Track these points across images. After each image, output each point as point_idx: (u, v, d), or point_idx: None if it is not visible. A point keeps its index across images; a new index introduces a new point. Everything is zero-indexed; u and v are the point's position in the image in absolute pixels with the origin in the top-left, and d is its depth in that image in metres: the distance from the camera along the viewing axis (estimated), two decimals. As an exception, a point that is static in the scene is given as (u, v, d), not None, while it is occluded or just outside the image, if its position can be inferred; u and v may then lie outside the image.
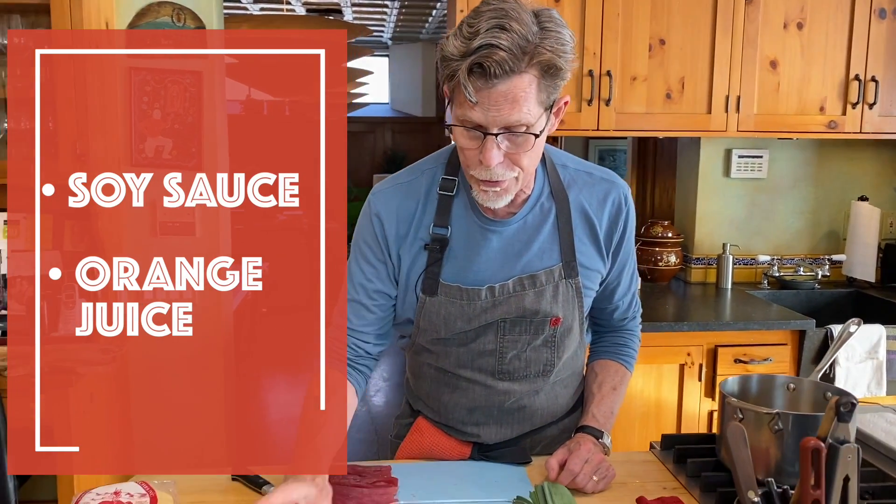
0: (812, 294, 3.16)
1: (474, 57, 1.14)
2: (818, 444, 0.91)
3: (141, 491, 1.23)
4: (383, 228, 1.39)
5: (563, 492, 1.24)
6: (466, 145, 1.23)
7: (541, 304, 1.39)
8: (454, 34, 1.19)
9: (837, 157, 3.29)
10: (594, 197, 1.42)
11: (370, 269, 1.41)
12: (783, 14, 2.83)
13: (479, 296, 1.37)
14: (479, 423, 1.50)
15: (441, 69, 1.21)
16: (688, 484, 1.40)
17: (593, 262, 1.43)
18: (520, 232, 1.38)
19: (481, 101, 1.17)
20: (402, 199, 1.40)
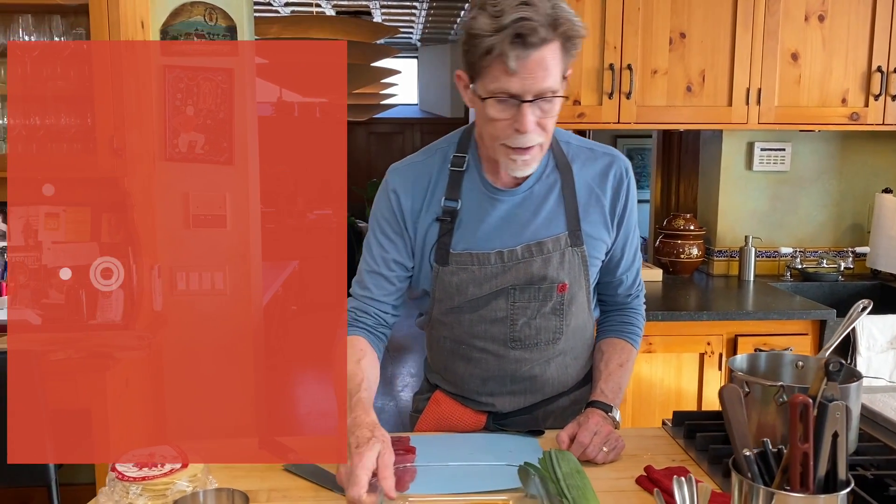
0: (835, 286, 3.16)
1: (512, 28, 1.24)
2: (806, 400, 0.95)
3: (173, 454, 1.30)
4: (399, 204, 1.49)
5: (570, 458, 1.29)
6: (500, 116, 1.32)
7: (548, 270, 1.46)
8: (477, 14, 1.28)
9: (861, 150, 3.29)
10: (596, 170, 1.50)
11: (389, 242, 1.51)
12: (804, 6, 2.85)
13: (489, 260, 1.46)
14: (493, 392, 1.57)
15: (469, 48, 1.30)
16: (697, 457, 1.45)
17: (599, 232, 1.50)
18: (526, 201, 1.47)
19: (519, 69, 1.26)
20: (416, 175, 1.50)
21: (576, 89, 2.82)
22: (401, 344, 6.46)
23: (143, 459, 1.28)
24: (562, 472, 1.23)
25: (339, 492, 1.29)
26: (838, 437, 0.97)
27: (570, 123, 2.83)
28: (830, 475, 0.97)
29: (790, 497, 0.93)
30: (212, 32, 3.01)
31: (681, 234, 3.25)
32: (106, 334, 2.69)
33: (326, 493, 1.30)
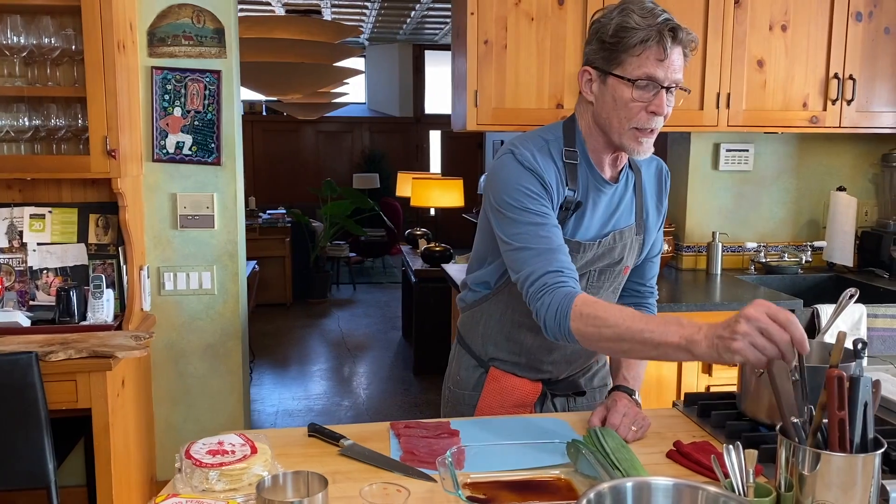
0: (796, 278, 3.38)
1: (666, 24, 1.44)
2: (841, 374, 1.09)
3: (241, 441, 1.37)
4: (542, 178, 1.54)
5: (613, 434, 1.41)
6: (640, 99, 1.47)
7: (624, 254, 1.68)
8: (625, 14, 1.45)
9: (817, 151, 3.52)
10: (651, 171, 1.74)
11: (548, 210, 1.53)
12: (769, 16, 3.05)
13: (591, 248, 1.62)
14: (556, 361, 1.74)
15: (618, 40, 1.46)
16: (713, 433, 1.59)
17: (653, 224, 1.74)
18: (615, 194, 1.65)
19: (668, 57, 1.45)
20: (546, 156, 1.57)
21: (559, 94, 2.96)
22: (358, 344, 6.52)
23: (213, 447, 1.35)
24: (609, 447, 1.34)
25: (396, 471, 1.38)
26: (868, 406, 1.11)
27: (555, 125, 2.95)
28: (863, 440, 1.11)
29: (834, 456, 1.07)
30: (200, 34, 3.04)
31: (652, 230, 3.41)
32: (102, 335, 2.69)
33: (387, 474, 1.38)
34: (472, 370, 1.81)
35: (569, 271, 1.48)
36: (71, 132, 2.81)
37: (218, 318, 3.19)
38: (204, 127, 3.08)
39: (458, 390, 1.82)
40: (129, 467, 2.80)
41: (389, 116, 11.52)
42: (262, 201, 9.12)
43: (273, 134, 10.76)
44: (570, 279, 1.47)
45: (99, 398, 2.53)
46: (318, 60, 5.25)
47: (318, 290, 8.14)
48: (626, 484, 1.08)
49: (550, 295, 1.44)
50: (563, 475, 1.35)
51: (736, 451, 1.15)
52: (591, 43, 1.53)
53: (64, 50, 2.76)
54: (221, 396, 3.24)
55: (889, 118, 3.19)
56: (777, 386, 1.13)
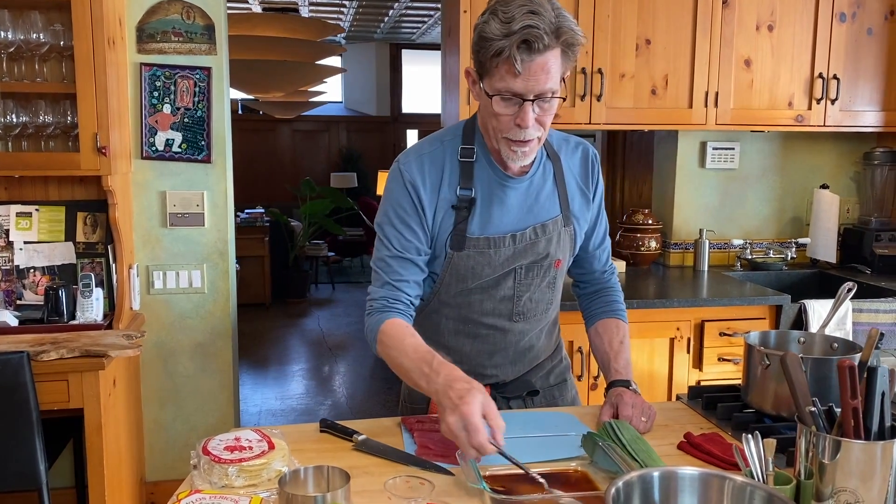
0: (781, 274, 3.44)
1: (520, 35, 1.36)
2: (851, 364, 1.12)
3: (258, 437, 1.37)
4: (418, 194, 1.58)
5: (628, 427, 1.42)
6: (504, 112, 1.45)
7: (549, 248, 1.63)
8: (489, 19, 1.41)
9: (801, 149, 3.58)
10: (576, 157, 1.69)
11: (409, 230, 1.58)
12: (756, 16, 3.09)
13: (504, 243, 1.59)
14: (498, 364, 1.72)
15: (479, 49, 1.44)
16: (719, 424, 1.61)
17: (582, 212, 1.69)
18: (531, 187, 1.62)
19: (524, 71, 1.39)
20: (429, 166, 1.59)
21: (551, 91, 2.97)
22: (338, 343, 6.50)
23: (230, 444, 1.34)
24: (626, 439, 1.36)
25: (412, 466, 1.39)
26: (885, 395, 1.14)
27: (547, 123, 2.97)
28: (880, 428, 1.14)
29: (853, 444, 1.09)
30: (189, 31, 3.01)
31: (640, 227, 3.45)
32: (93, 334, 2.66)
33: (403, 468, 1.38)
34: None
35: (392, 301, 1.57)
36: (60, 129, 2.77)
37: (208, 317, 3.17)
38: (194, 124, 3.05)
39: (410, 404, 1.80)
40: (120, 468, 2.77)
41: (366, 116, 11.48)
42: (240, 200, 8.99)
43: (249, 133, 10.66)
44: (391, 308, 1.57)
45: (91, 398, 2.50)
46: (300, 58, 5.22)
47: (297, 289, 8.10)
48: (653, 473, 1.10)
49: (371, 317, 1.59)
50: (579, 467, 1.36)
51: (755, 441, 1.17)
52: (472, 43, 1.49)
53: (52, 46, 2.72)
54: (211, 396, 3.21)
55: (871, 117, 3.25)
56: (791, 377, 1.16)
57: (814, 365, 1.50)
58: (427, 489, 1.19)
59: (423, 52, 11.32)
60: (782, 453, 1.40)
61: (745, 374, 1.64)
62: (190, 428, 3.21)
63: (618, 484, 1.05)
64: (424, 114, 11.17)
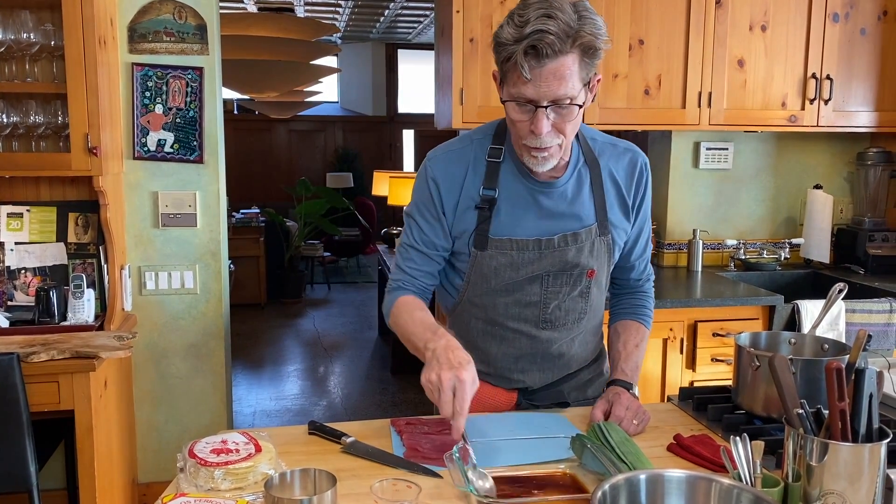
0: (774, 275, 3.43)
1: (528, 41, 1.33)
2: (839, 366, 1.11)
3: (245, 440, 1.36)
4: (439, 191, 1.60)
5: (617, 429, 1.42)
6: (518, 118, 1.44)
7: (580, 258, 1.60)
8: (506, 23, 1.39)
9: (795, 149, 3.58)
10: (620, 164, 1.64)
11: (429, 225, 1.62)
12: (749, 17, 3.09)
13: (528, 247, 1.58)
14: (525, 370, 1.70)
15: (496, 53, 1.43)
16: (710, 426, 1.61)
17: (621, 221, 1.65)
18: (563, 194, 1.59)
19: (534, 78, 1.36)
20: (454, 164, 1.60)
21: (544, 91, 2.97)
22: (334, 343, 6.49)
23: (217, 446, 1.33)
24: (614, 441, 1.35)
25: (400, 468, 1.38)
26: (872, 397, 1.14)
27: (540, 124, 2.97)
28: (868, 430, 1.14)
29: (841, 446, 1.09)
30: (181, 31, 3.00)
31: (634, 228, 3.44)
32: (84, 335, 2.65)
33: (391, 471, 1.38)
34: None
35: (415, 280, 1.64)
36: (51, 129, 2.76)
37: (200, 318, 3.16)
38: (186, 124, 3.04)
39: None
40: (112, 470, 2.76)
41: (362, 115, 11.47)
42: (235, 200, 9.01)
43: (245, 132, 10.65)
44: (405, 287, 1.64)
45: (82, 399, 2.49)
46: (294, 58, 5.21)
47: (293, 289, 8.09)
48: (639, 476, 1.09)
49: (389, 294, 1.65)
50: (567, 470, 1.35)
51: (743, 443, 1.17)
52: None
53: (43, 45, 2.71)
54: (204, 397, 3.21)
55: (864, 117, 3.25)
56: (779, 378, 1.15)
57: (804, 366, 1.49)
58: (413, 492, 1.19)
59: (419, 52, 11.32)
60: (772, 455, 1.40)
61: (735, 376, 1.64)
62: (183, 429, 3.20)
63: (604, 487, 1.05)
64: (420, 114, 11.17)
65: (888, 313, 2.97)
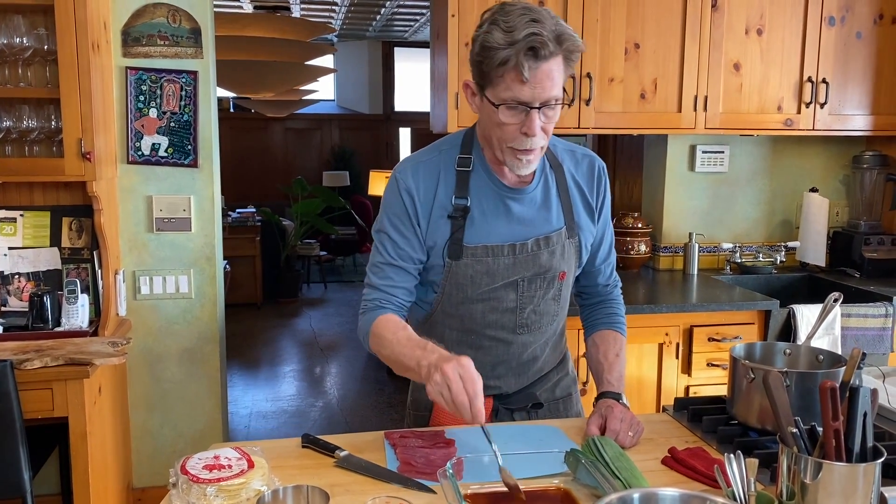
0: (770, 278, 3.43)
1: (526, 42, 1.36)
2: (833, 385, 1.11)
3: (237, 455, 1.35)
4: (413, 202, 1.59)
5: (611, 443, 1.42)
6: (509, 121, 1.45)
7: (552, 261, 1.62)
8: (491, 29, 1.41)
9: (790, 152, 3.58)
10: (580, 169, 1.68)
11: (403, 238, 1.60)
12: (745, 20, 3.09)
13: (503, 252, 1.58)
14: (500, 375, 1.71)
15: (482, 59, 1.43)
16: (704, 437, 1.60)
17: (587, 224, 1.69)
18: (533, 199, 1.61)
19: (531, 79, 1.39)
20: (424, 175, 1.60)
21: (540, 95, 2.96)
22: (330, 343, 6.49)
23: (209, 462, 1.32)
24: (609, 457, 1.35)
25: (394, 483, 1.38)
26: (867, 415, 1.13)
27: (535, 128, 2.96)
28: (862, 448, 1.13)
29: (835, 466, 1.09)
30: (175, 34, 2.99)
31: (630, 231, 3.45)
32: (78, 341, 2.64)
33: (384, 485, 1.37)
34: (424, 389, 1.79)
35: (387, 302, 1.59)
36: (44, 134, 2.75)
37: (195, 322, 3.15)
38: (180, 128, 3.03)
39: (414, 412, 1.81)
40: (107, 475, 2.75)
41: (359, 114, 11.45)
42: (231, 199, 9.00)
43: (241, 131, 10.63)
44: (382, 306, 1.59)
45: (76, 406, 2.48)
46: (290, 59, 5.19)
47: (289, 289, 8.08)
48: (633, 495, 1.09)
49: (364, 316, 1.60)
50: (562, 484, 1.35)
51: (737, 461, 1.16)
52: (470, 55, 1.49)
53: (36, 50, 2.69)
54: (199, 401, 3.20)
55: (860, 121, 3.25)
56: (773, 396, 1.15)
57: (798, 379, 1.49)
58: (406, 510, 1.18)
59: (416, 50, 11.30)
60: (766, 468, 1.39)
61: (730, 387, 1.63)
62: (178, 434, 3.19)
63: (597, 507, 1.04)
64: (417, 112, 11.15)
65: (884, 317, 2.97)
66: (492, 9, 1.44)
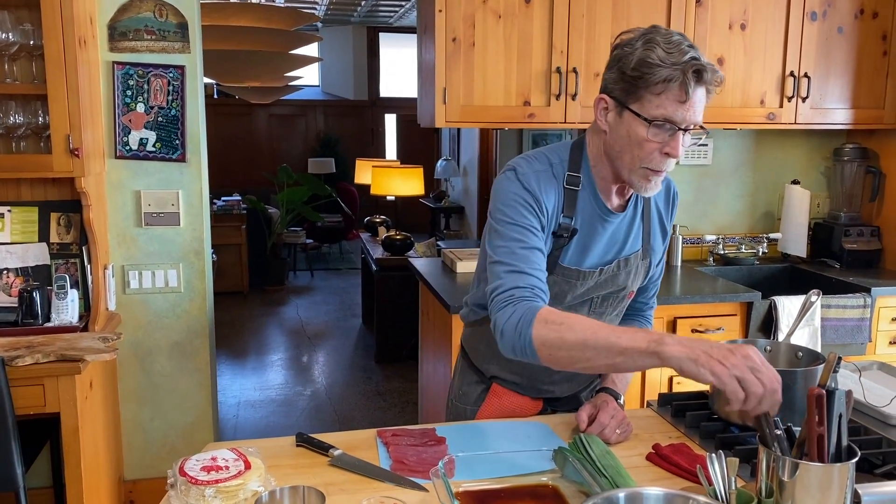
0: (752, 269, 3.49)
1: (692, 64, 1.36)
2: (821, 392, 1.15)
3: (234, 456, 1.38)
4: (538, 202, 1.53)
5: (598, 441, 1.46)
6: (655, 139, 1.42)
7: (628, 281, 1.67)
8: (649, 47, 1.38)
9: (773, 145, 3.63)
10: (661, 192, 1.67)
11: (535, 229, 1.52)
12: (728, 15, 3.12)
13: (592, 276, 1.61)
14: (556, 381, 1.77)
15: (641, 75, 1.39)
16: (687, 433, 1.65)
17: (659, 246, 1.72)
18: (622, 223, 1.63)
19: (689, 100, 1.38)
20: (544, 183, 1.55)
21: (526, 91, 2.99)
22: (317, 331, 6.52)
23: (207, 463, 1.36)
24: (595, 454, 1.39)
25: (387, 482, 1.41)
26: (842, 417, 1.18)
27: (522, 123, 3.00)
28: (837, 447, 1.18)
29: (812, 466, 1.13)
30: (162, 29, 2.98)
31: (615, 223, 3.49)
32: (68, 337, 2.65)
33: (378, 484, 1.41)
34: (475, 385, 1.84)
35: (538, 290, 1.47)
36: (31, 130, 2.75)
37: (184, 316, 3.17)
38: (168, 123, 3.03)
39: (461, 404, 1.85)
40: (98, 469, 2.78)
41: (344, 100, 11.42)
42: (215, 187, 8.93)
43: (225, 117, 10.59)
44: (537, 297, 1.46)
45: (68, 402, 2.50)
46: (275, 48, 5.18)
47: (276, 277, 8.10)
48: (619, 495, 1.13)
49: (514, 307, 1.44)
50: (550, 482, 1.39)
51: (719, 460, 1.21)
52: (612, 70, 1.46)
53: (22, 45, 2.69)
54: (189, 394, 3.22)
55: (841, 115, 3.30)
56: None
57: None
58: (401, 510, 1.22)
59: (401, 36, 11.27)
60: (747, 463, 1.44)
61: (712, 384, 1.68)
62: (168, 427, 3.22)
63: (585, 508, 1.08)
64: (403, 98, 11.14)
65: (862, 308, 3.04)
66: (637, 31, 1.43)
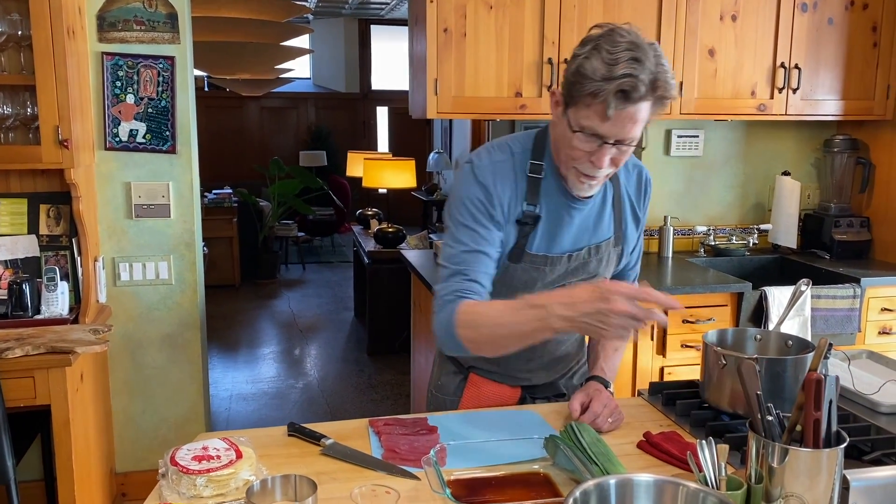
0: (743, 260, 3.51)
1: (620, 83, 1.33)
2: (819, 377, 1.16)
3: (225, 446, 1.38)
4: (490, 198, 1.56)
5: (589, 429, 1.47)
6: (582, 147, 1.45)
7: (599, 268, 1.68)
8: (591, 55, 1.37)
9: (763, 137, 3.64)
10: (631, 180, 1.71)
11: (482, 227, 1.56)
12: (719, 6, 3.12)
13: (560, 262, 1.63)
14: (533, 370, 1.78)
15: (574, 81, 1.40)
16: (678, 421, 1.66)
17: (632, 233, 1.74)
18: (591, 210, 1.64)
19: (614, 118, 1.38)
20: (501, 175, 1.57)
21: (517, 83, 2.99)
22: (309, 324, 6.51)
23: (198, 453, 1.35)
24: (586, 442, 1.40)
25: (379, 470, 1.42)
26: (832, 402, 1.19)
27: (513, 114, 2.99)
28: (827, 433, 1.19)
29: (801, 451, 1.14)
30: (152, 19, 2.97)
31: (606, 214, 3.49)
32: (59, 329, 2.64)
33: (370, 473, 1.41)
34: (453, 376, 1.85)
35: (472, 294, 1.50)
36: (19, 121, 2.73)
37: (176, 308, 3.16)
38: (158, 114, 3.02)
39: (440, 395, 1.86)
40: (90, 461, 2.77)
41: (336, 92, 11.38)
42: (206, 180, 8.90)
43: (216, 110, 10.53)
44: (470, 293, 1.50)
45: (58, 394, 2.49)
46: (266, 40, 5.15)
47: (267, 270, 8.08)
48: (609, 481, 1.14)
49: (443, 310, 1.50)
50: (541, 469, 1.40)
51: (709, 447, 1.22)
52: (566, 70, 1.46)
53: (10, 36, 2.66)
54: (181, 387, 3.22)
55: (831, 106, 3.31)
56: (746, 386, 1.20)
57: (768, 365, 1.55)
58: (392, 498, 1.22)
59: (392, 28, 11.24)
60: (737, 450, 1.45)
61: (703, 373, 1.69)
62: (160, 419, 3.21)
63: (575, 494, 1.09)
64: (394, 90, 11.11)
65: (852, 298, 3.05)
66: (602, 30, 1.40)
